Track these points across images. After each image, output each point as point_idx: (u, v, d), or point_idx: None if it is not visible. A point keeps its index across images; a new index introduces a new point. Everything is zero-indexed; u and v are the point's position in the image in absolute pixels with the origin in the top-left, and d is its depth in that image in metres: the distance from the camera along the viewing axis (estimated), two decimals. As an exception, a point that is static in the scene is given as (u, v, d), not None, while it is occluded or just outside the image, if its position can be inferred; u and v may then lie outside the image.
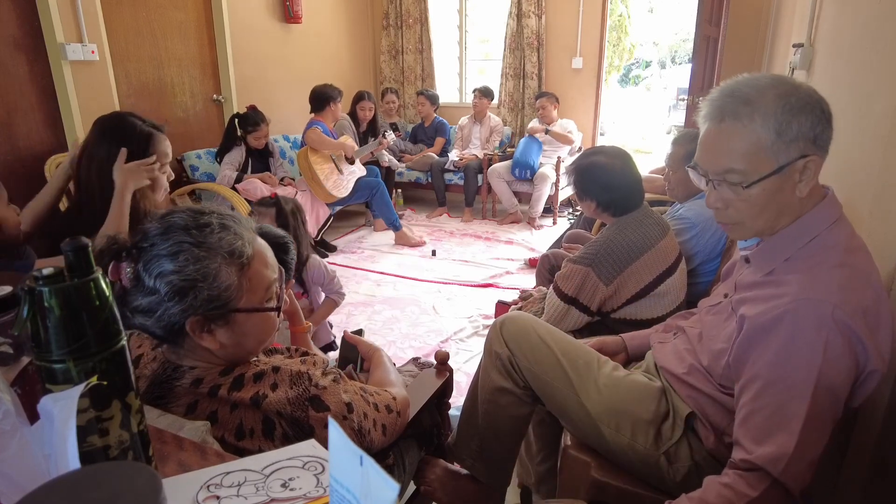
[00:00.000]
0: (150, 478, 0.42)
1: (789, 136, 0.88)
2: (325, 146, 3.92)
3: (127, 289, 0.79)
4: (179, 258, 0.78)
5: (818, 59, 2.16)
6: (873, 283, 0.90)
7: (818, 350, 0.85)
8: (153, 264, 0.78)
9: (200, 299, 0.79)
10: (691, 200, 1.94)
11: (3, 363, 0.81)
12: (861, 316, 0.85)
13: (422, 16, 5.52)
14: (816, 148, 0.89)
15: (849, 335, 0.85)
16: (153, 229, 0.80)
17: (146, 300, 0.79)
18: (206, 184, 3.70)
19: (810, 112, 0.88)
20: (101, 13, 3.25)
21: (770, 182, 0.91)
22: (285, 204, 2.12)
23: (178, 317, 0.79)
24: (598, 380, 1.20)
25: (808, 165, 0.89)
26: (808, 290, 0.87)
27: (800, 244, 0.93)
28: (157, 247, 0.78)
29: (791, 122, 0.87)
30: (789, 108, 0.88)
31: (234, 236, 0.83)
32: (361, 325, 2.90)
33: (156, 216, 0.82)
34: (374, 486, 0.37)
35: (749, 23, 4.14)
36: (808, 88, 0.91)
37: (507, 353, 1.29)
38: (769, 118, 0.88)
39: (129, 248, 0.80)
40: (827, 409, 0.86)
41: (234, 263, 0.82)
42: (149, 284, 0.78)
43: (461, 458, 1.37)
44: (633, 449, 1.12)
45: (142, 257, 0.79)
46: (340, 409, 0.89)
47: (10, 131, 2.97)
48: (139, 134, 1.56)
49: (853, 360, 0.86)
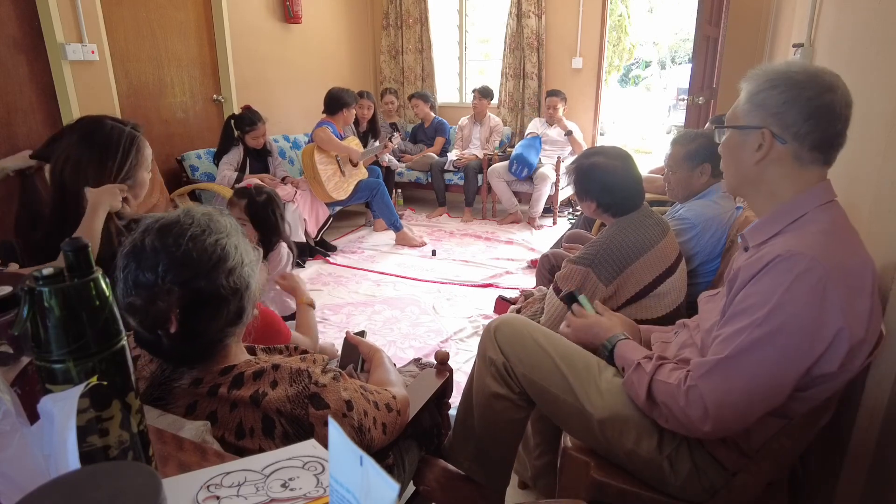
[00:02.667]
0: (150, 478, 0.42)
1: (755, 101, 1.00)
2: (332, 146, 3.92)
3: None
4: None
5: (818, 59, 2.16)
6: (860, 253, 0.94)
7: (783, 284, 0.89)
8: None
9: None
10: (691, 201, 1.94)
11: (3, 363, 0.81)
12: (840, 273, 0.89)
13: (422, 16, 5.52)
14: (778, 124, 0.97)
15: (820, 284, 0.88)
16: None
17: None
18: (206, 184, 3.70)
19: (786, 91, 0.96)
20: (101, 13, 3.25)
21: (733, 134, 1.05)
22: (258, 195, 2.19)
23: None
24: (600, 385, 1.18)
25: (766, 137, 0.98)
26: (791, 245, 0.92)
27: (789, 220, 0.99)
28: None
29: (761, 92, 0.99)
30: (768, 80, 0.98)
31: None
32: (362, 325, 2.90)
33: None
34: (373, 486, 0.37)
35: (749, 23, 4.14)
36: (811, 78, 0.96)
37: (501, 359, 1.26)
38: (752, 83, 1.01)
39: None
40: (779, 351, 0.90)
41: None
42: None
43: (458, 460, 1.36)
44: (637, 454, 1.11)
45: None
46: (340, 407, 0.88)
47: (10, 131, 2.97)
48: (126, 137, 1.53)
49: (819, 310, 0.88)
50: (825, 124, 0.95)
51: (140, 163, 1.57)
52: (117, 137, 1.52)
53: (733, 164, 1.07)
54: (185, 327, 0.80)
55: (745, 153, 1.02)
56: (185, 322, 0.80)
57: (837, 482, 1.22)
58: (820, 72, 0.97)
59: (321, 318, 2.97)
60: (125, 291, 0.79)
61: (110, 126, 1.53)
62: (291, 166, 4.39)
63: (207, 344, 0.85)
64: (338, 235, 4.43)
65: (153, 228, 0.81)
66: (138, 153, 1.56)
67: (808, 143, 0.96)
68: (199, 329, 0.82)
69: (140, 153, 1.57)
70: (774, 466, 1.03)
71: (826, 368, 0.91)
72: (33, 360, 0.52)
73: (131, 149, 1.54)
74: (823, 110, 0.94)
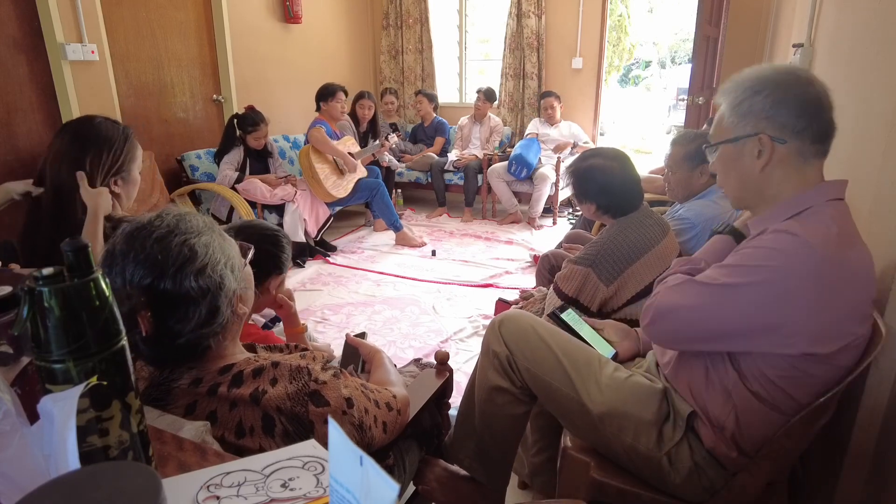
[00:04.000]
0: (150, 478, 0.42)
1: (741, 111, 1.01)
2: (326, 148, 3.92)
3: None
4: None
5: (818, 59, 2.16)
6: (860, 249, 0.95)
7: (778, 252, 0.92)
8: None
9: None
10: (691, 201, 1.95)
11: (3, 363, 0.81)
12: (835, 264, 0.90)
13: (422, 16, 5.52)
14: (773, 127, 0.98)
15: (814, 266, 0.89)
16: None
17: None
18: (206, 184, 3.70)
19: (771, 94, 0.98)
20: (101, 13, 3.25)
21: (726, 149, 1.05)
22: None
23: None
24: (600, 380, 1.20)
25: (764, 142, 0.98)
26: (794, 229, 0.94)
27: (793, 212, 1.00)
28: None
29: (744, 102, 1.00)
30: (748, 89, 1.00)
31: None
32: (361, 325, 2.90)
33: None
34: (374, 486, 0.37)
35: (749, 23, 4.13)
36: (790, 76, 0.99)
37: (505, 353, 1.28)
38: (730, 96, 1.03)
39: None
40: (741, 297, 0.93)
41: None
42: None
43: (459, 458, 1.37)
44: (635, 450, 1.12)
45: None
46: (340, 404, 0.88)
47: (10, 131, 2.97)
48: (119, 130, 1.53)
49: (801, 287, 0.89)
50: (818, 115, 0.97)
51: (134, 157, 1.58)
52: (110, 129, 1.53)
53: (735, 176, 1.06)
54: (157, 330, 0.79)
55: (747, 163, 1.03)
56: (156, 324, 0.78)
57: (837, 482, 1.22)
58: (793, 69, 1.01)
59: (321, 318, 2.97)
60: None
61: (100, 120, 1.54)
62: (291, 166, 4.39)
63: (184, 346, 0.83)
64: (338, 235, 4.43)
65: (125, 232, 0.80)
66: (131, 147, 1.57)
67: (808, 138, 0.97)
68: (171, 331, 0.80)
69: (133, 147, 1.57)
70: (774, 466, 1.03)
71: (785, 349, 0.94)
72: (33, 360, 0.52)
73: (126, 141, 1.55)
74: (813, 103, 0.97)
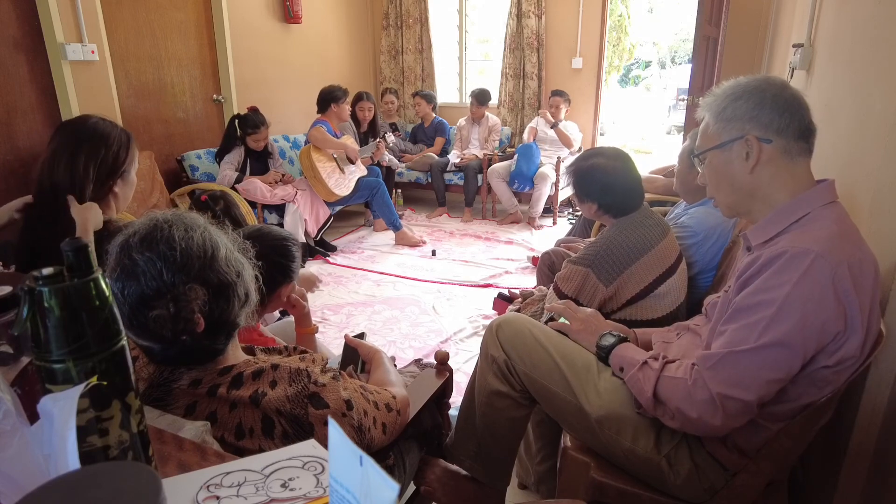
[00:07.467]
0: (150, 478, 0.42)
1: (725, 117, 1.03)
2: (328, 144, 3.92)
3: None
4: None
5: (818, 59, 2.16)
6: (864, 250, 0.95)
7: (791, 280, 0.90)
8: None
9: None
10: (693, 207, 1.91)
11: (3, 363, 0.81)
12: (846, 268, 0.90)
13: (422, 16, 5.52)
14: (758, 127, 1.00)
15: (829, 280, 0.89)
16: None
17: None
18: (206, 184, 3.70)
19: (750, 98, 1.01)
20: (101, 13, 3.25)
21: (714, 156, 1.07)
22: (215, 204, 2.03)
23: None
24: (598, 384, 1.19)
25: (751, 142, 1.00)
26: (795, 243, 0.93)
27: (793, 219, 1.00)
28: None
29: (727, 108, 1.03)
30: (729, 97, 1.03)
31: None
32: (361, 325, 2.90)
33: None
34: (374, 487, 0.37)
35: (749, 23, 4.13)
36: (765, 81, 1.02)
37: (503, 357, 1.27)
38: (713, 106, 1.06)
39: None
40: (787, 346, 0.91)
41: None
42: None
43: (459, 458, 1.37)
44: (634, 453, 1.12)
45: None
46: (340, 406, 0.88)
47: (10, 131, 2.97)
48: (118, 129, 1.52)
49: (826, 305, 0.89)
50: (797, 113, 1.00)
51: (132, 159, 1.56)
52: (106, 127, 1.51)
53: (726, 182, 1.07)
54: (208, 322, 0.82)
55: (736, 167, 1.04)
56: (209, 316, 0.81)
57: (837, 482, 1.22)
58: (766, 76, 1.05)
59: (321, 318, 2.97)
60: (133, 312, 0.77)
61: (95, 120, 1.52)
62: (291, 166, 4.39)
63: (227, 334, 0.87)
64: (338, 235, 4.43)
65: (134, 244, 0.78)
66: (130, 148, 1.54)
67: (791, 134, 0.99)
68: (221, 320, 0.84)
69: (131, 149, 1.55)
70: (774, 466, 1.03)
71: (823, 361, 0.93)
72: (33, 360, 0.52)
73: (129, 142, 1.53)
74: (791, 102, 1.00)
